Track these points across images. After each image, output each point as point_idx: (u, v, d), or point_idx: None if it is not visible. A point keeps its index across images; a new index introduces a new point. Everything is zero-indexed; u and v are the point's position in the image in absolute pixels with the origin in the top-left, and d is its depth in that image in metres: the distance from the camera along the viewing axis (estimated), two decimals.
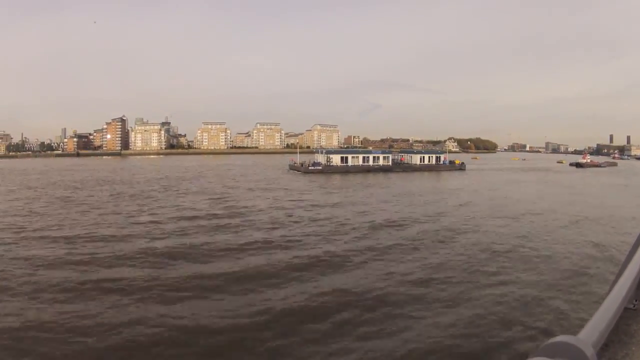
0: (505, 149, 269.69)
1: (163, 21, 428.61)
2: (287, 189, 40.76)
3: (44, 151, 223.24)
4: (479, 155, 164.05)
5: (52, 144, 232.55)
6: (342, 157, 61.77)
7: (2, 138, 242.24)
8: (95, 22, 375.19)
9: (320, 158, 62.62)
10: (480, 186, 45.86)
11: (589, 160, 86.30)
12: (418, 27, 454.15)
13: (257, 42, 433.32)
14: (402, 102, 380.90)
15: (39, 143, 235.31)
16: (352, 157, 62.46)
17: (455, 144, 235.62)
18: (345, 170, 58.89)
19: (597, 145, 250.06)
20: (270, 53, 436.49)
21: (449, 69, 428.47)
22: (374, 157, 63.31)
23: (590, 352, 0.94)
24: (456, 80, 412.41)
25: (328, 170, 58.32)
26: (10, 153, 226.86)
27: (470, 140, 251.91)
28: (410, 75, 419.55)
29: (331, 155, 62.32)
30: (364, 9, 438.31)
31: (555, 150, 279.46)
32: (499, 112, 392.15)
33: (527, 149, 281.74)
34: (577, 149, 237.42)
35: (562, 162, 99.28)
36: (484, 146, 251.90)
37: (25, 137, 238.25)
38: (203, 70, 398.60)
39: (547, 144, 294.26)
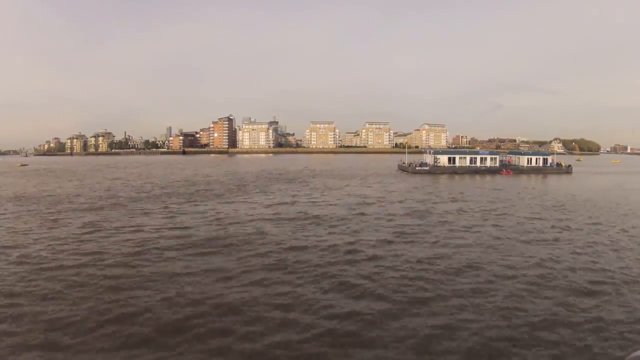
0: (607, 151, 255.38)
1: (277, 27, 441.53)
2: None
3: (149, 149, 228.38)
4: (582, 157, 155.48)
5: (157, 142, 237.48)
6: (449, 158, 60.11)
7: (104, 136, 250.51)
8: None
9: (428, 158, 61.33)
10: None
11: None
12: (542, 29, 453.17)
13: (373, 43, 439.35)
14: (521, 103, 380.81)
15: (142, 141, 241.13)
16: (460, 158, 60.63)
17: (561, 144, 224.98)
18: (452, 171, 57.07)
19: None
20: (388, 54, 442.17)
21: (565, 71, 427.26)
22: (481, 158, 60.63)
23: None
24: (572, 81, 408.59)
25: (435, 170, 57.02)
26: (114, 150, 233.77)
27: (574, 141, 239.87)
28: (531, 77, 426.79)
29: (438, 156, 60.87)
30: (487, 9, 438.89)
31: None
32: (605, 113, 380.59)
33: (629, 150, 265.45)
34: None
35: None
36: (587, 147, 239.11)
37: (129, 135, 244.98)
38: (314, 72, 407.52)
39: None
